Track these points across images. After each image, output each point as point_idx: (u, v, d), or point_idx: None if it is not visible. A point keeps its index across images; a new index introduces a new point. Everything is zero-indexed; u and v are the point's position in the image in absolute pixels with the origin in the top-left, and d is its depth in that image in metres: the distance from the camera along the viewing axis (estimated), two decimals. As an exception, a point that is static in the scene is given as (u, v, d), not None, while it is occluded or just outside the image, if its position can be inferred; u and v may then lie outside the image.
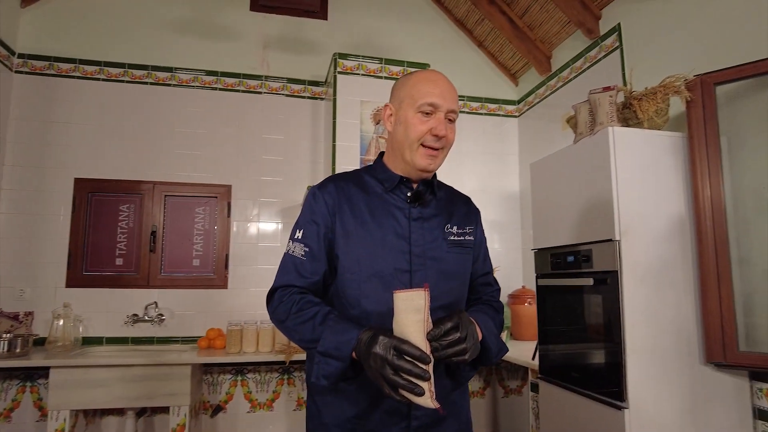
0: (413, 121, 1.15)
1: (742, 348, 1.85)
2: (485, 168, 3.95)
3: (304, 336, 1.07)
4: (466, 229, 1.26)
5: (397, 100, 1.21)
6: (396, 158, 1.22)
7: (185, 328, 3.27)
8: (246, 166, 3.50)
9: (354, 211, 1.18)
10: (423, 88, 1.16)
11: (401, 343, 0.91)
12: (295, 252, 1.17)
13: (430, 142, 1.15)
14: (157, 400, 2.70)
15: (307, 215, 1.20)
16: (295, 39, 3.71)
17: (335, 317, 1.06)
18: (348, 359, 0.99)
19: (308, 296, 1.13)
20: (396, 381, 0.89)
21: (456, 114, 1.18)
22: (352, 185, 1.22)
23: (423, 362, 0.90)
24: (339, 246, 1.16)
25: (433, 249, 1.18)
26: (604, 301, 1.94)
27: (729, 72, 1.94)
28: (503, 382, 3.76)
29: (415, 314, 0.93)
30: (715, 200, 1.93)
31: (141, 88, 3.39)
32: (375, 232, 1.15)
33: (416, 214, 1.20)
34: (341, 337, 1.00)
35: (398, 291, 0.96)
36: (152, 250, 3.28)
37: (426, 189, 1.24)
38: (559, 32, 3.39)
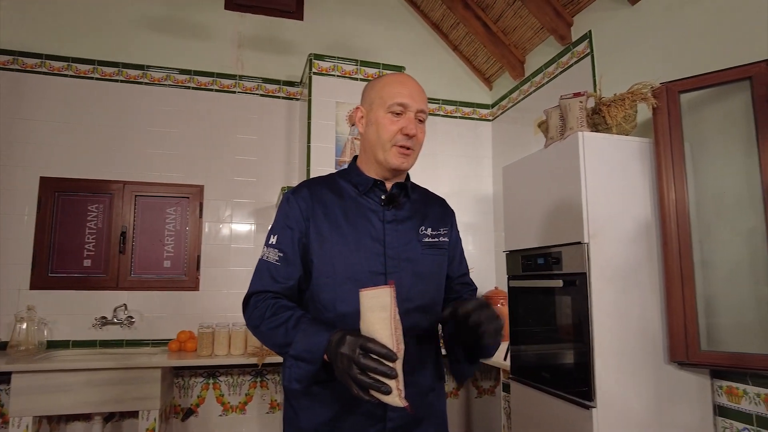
0: (384, 121, 1.17)
1: (703, 347, 1.91)
2: (460, 171, 3.99)
3: (278, 340, 1.07)
4: (440, 231, 1.28)
5: (368, 102, 1.23)
6: (369, 160, 1.24)
7: (156, 330, 3.21)
8: (219, 167, 3.45)
9: (328, 216, 1.19)
10: (392, 89, 1.19)
11: (367, 342, 0.91)
12: (269, 257, 1.17)
13: (402, 141, 1.17)
14: (125, 405, 2.64)
15: (281, 221, 1.20)
16: (270, 39, 3.68)
17: (308, 321, 1.06)
18: (319, 362, 0.99)
19: (282, 301, 1.13)
20: (363, 380, 0.89)
21: (425, 114, 1.21)
22: (327, 189, 1.23)
23: (389, 360, 0.90)
24: (313, 250, 1.17)
25: (408, 251, 1.19)
26: (573, 302, 1.98)
27: (692, 81, 2.01)
28: (476, 383, 3.80)
29: (381, 312, 0.93)
30: (680, 204, 1.99)
31: (111, 85, 3.32)
32: (349, 235, 1.16)
33: (390, 216, 1.21)
34: (313, 340, 1.00)
35: (364, 289, 0.96)
36: (122, 251, 3.21)
37: (400, 191, 1.25)
38: (533, 38, 3.45)
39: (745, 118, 1.91)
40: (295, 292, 1.19)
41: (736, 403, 1.94)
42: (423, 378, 1.20)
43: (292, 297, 1.18)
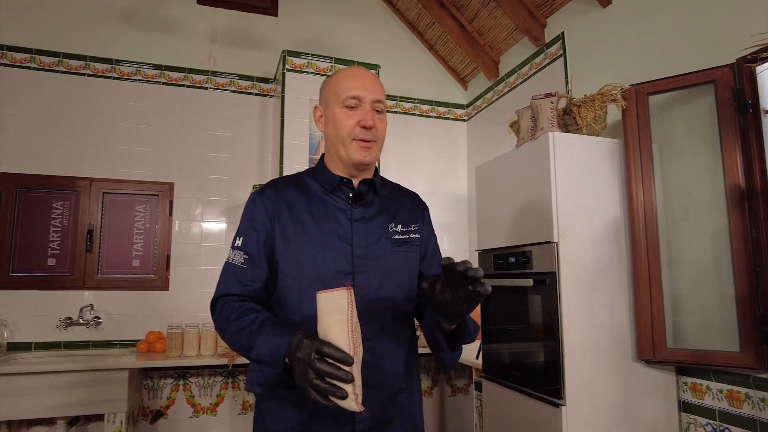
0: (340, 116, 1.16)
1: (669, 345, 1.95)
2: (435, 170, 3.99)
3: (242, 344, 1.05)
4: (411, 227, 1.25)
5: (324, 100, 1.22)
6: (333, 159, 1.22)
7: (123, 331, 3.13)
8: (190, 164, 3.38)
9: (293, 215, 1.17)
10: (345, 83, 1.17)
11: (322, 345, 0.89)
12: (235, 260, 1.16)
13: (361, 135, 1.15)
14: (90, 408, 2.57)
15: (246, 222, 1.19)
16: (243, 34, 3.63)
17: (271, 323, 1.03)
18: (281, 365, 0.97)
19: (247, 303, 1.11)
20: (318, 385, 0.87)
21: (383, 104, 1.19)
22: (293, 188, 1.21)
23: (345, 364, 0.88)
24: (279, 251, 1.15)
25: (376, 249, 1.17)
26: (543, 301, 2.00)
27: (660, 83, 2.04)
28: (450, 381, 3.81)
29: (337, 315, 0.92)
30: (648, 205, 2.02)
31: (78, 79, 3.22)
32: (315, 235, 1.14)
33: (358, 214, 1.19)
34: (274, 343, 0.98)
35: (321, 292, 0.94)
36: (88, 249, 3.12)
37: (368, 189, 1.23)
38: (507, 38, 3.47)
39: (710, 121, 1.95)
40: (262, 294, 1.17)
41: (700, 399, 1.98)
42: (393, 379, 1.17)
43: (259, 299, 1.16)
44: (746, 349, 1.77)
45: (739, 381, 1.84)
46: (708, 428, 1.95)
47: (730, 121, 1.87)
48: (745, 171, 1.84)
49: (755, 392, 1.79)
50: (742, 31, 1.88)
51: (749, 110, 1.84)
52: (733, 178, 1.85)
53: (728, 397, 1.88)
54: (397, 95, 3.95)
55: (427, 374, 3.77)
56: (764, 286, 1.76)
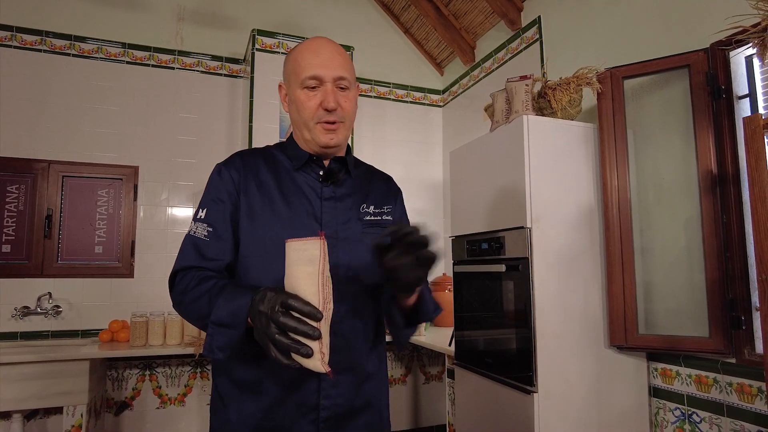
0: (301, 98, 1.08)
1: (641, 331, 1.94)
2: (410, 156, 3.94)
3: (201, 311, 0.96)
4: (383, 209, 1.19)
5: (286, 79, 1.15)
6: (300, 139, 1.15)
7: (86, 320, 3.01)
8: (155, 147, 3.25)
9: (261, 189, 1.09)
10: (303, 61, 1.09)
11: (288, 298, 0.81)
12: (197, 233, 1.07)
13: (324, 117, 1.08)
14: (47, 401, 2.45)
15: (211, 193, 1.10)
16: (212, 13, 3.49)
17: (233, 285, 0.96)
18: (243, 325, 0.89)
19: (207, 272, 1.03)
20: (281, 341, 0.79)
21: (348, 81, 1.10)
22: (261, 161, 1.14)
23: (313, 319, 0.80)
24: (243, 227, 1.08)
25: (346, 230, 1.11)
26: (516, 287, 1.97)
27: (634, 67, 2.02)
28: (424, 368, 3.79)
29: (307, 266, 0.84)
30: (622, 191, 2.00)
31: (33, 56, 3.04)
32: (283, 212, 1.08)
33: (328, 193, 1.12)
34: (236, 303, 0.90)
35: (290, 240, 0.86)
36: (47, 235, 2.97)
37: (340, 167, 1.16)
38: (483, 22, 3.42)
39: (684, 107, 1.94)
40: (226, 274, 1.08)
41: (669, 384, 1.99)
42: (360, 364, 1.11)
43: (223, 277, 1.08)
44: (715, 334, 1.77)
45: (707, 366, 1.85)
46: (677, 413, 1.96)
47: (703, 106, 1.86)
48: (717, 157, 1.83)
49: (723, 377, 1.80)
50: (716, 15, 1.86)
51: (722, 95, 1.83)
52: (705, 163, 1.84)
53: (697, 381, 1.89)
54: (371, 79, 3.87)
55: (401, 361, 3.74)
56: (734, 272, 1.77)
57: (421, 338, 3.00)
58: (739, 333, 1.74)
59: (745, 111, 1.83)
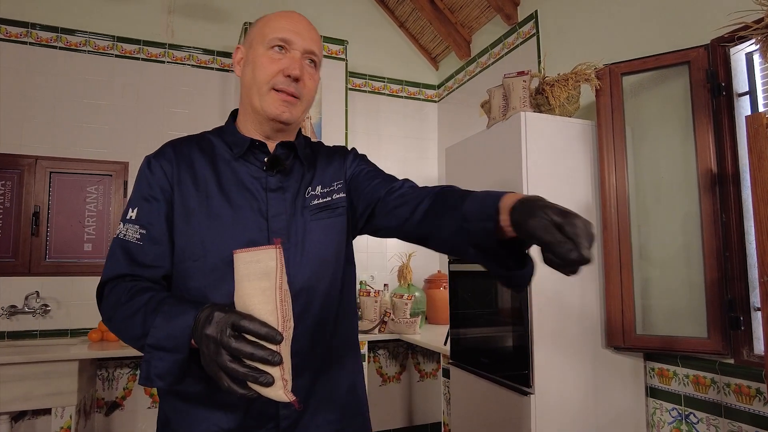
0: (262, 60, 0.96)
1: (638, 332, 1.92)
2: (405, 152, 3.90)
3: (135, 331, 0.82)
4: (332, 186, 1.04)
5: (248, 41, 1.02)
6: (247, 113, 1.02)
7: (75, 319, 2.96)
8: (146, 142, 3.19)
9: (197, 183, 0.96)
10: (275, 23, 0.98)
11: (240, 319, 0.69)
12: (127, 236, 0.93)
13: (282, 84, 0.95)
14: (35, 402, 2.41)
15: (142, 189, 0.96)
16: (203, 6, 3.42)
17: (172, 301, 0.83)
18: (186, 349, 0.77)
19: (143, 283, 0.90)
20: (235, 369, 0.68)
21: (318, 57, 1.01)
22: (196, 150, 1.00)
23: (272, 342, 0.69)
24: (178, 227, 0.95)
25: (296, 223, 0.98)
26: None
27: (634, 63, 1.99)
28: (419, 366, 3.77)
29: (261, 280, 0.72)
30: (620, 189, 1.98)
31: (18, 48, 2.97)
32: (223, 207, 0.95)
33: (274, 183, 0.98)
34: (176, 323, 0.77)
35: (239, 251, 0.73)
36: (34, 233, 2.91)
37: (288, 153, 1.02)
38: (479, 17, 3.37)
39: (683, 104, 1.91)
40: (162, 281, 0.95)
41: (667, 384, 1.97)
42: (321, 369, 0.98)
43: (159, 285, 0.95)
44: (713, 334, 1.76)
45: (705, 366, 1.83)
46: (674, 413, 1.94)
47: (703, 103, 1.83)
48: (717, 155, 1.80)
49: (720, 377, 1.78)
50: (717, 11, 1.83)
51: (722, 93, 1.81)
52: (705, 162, 1.81)
53: (694, 382, 1.87)
54: (366, 74, 3.82)
55: (395, 359, 3.71)
56: (733, 272, 1.74)
57: (416, 337, 2.97)
58: (738, 334, 1.72)
59: (745, 109, 1.80)
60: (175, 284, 0.97)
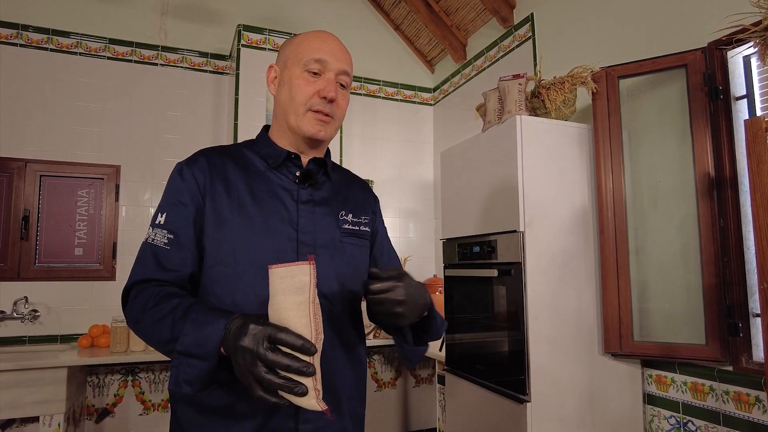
0: (299, 81, 1.00)
1: (636, 338, 1.89)
2: (401, 156, 3.87)
3: (163, 336, 0.85)
4: (362, 219, 1.11)
5: (282, 60, 1.06)
6: (282, 129, 1.06)
7: (65, 325, 2.91)
8: (138, 145, 3.15)
9: (230, 192, 0.99)
10: (310, 44, 1.02)
11: (277, 332, 0.73)
12: (156, 240, 0.96)
13: (318, 105, 1.00)
14: (22, 410, 2.36)
15: (172, 195, 0.99)
16: (197, 7, 3.39)
17: (201, 308, 0.86)
18: (215, 357, 0.79)
19: (170, 288, 0.93)
20: (271, 381, 0.71)
21: (349, 78, 1.05)
22: (229, 161, 1.03)
23: (306, 353, 0.73)
24: (208, 234, 0.97)
25: (325, 237, 1.02)
26: (509, 292, 1.91)
27: (630, 66, 1.97)
28: (414, 371, 3.73)
29: (296, 294, 0.76)
30: (617, 193, 1.95)
31: (9, 50, 2.93)
32: (256, 217, 0.98)
33: (306, 196, 1.03)
34: (205, 331, 0.80)
35: (274, 266, 0.77)
36: (24, 237, 2.87)
37: (318, 168, 1.07)
38: (475, 19, 3.35)
39: (680, 107, 1.89)
40: (188, 285, 0.98)
41: (664, 391, 1.94)
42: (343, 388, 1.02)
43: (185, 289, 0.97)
44: (712, 341, 1.73)
45: (703, 373, 1.81)
46: (671, 421, 1.91)
47: (700, 107, 1.81)
48: (715, 159, 1.78)
49: (719, 385, 1.76)
50: (714, 14, 1.81)
51: (720, 96, 1.79)
52: (702, 166, 1.79)
53: (692, 389, 1.84)
54: (361, 76, 3.79)
55: (391, 365, 3.68)
56: (731, 278, 1.72)
57: (411, 342, 2.94)
58: (737, 340, 1.70)
59: (743, 112, 1.79)
60: (202, 288, 0.99)
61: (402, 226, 3.78)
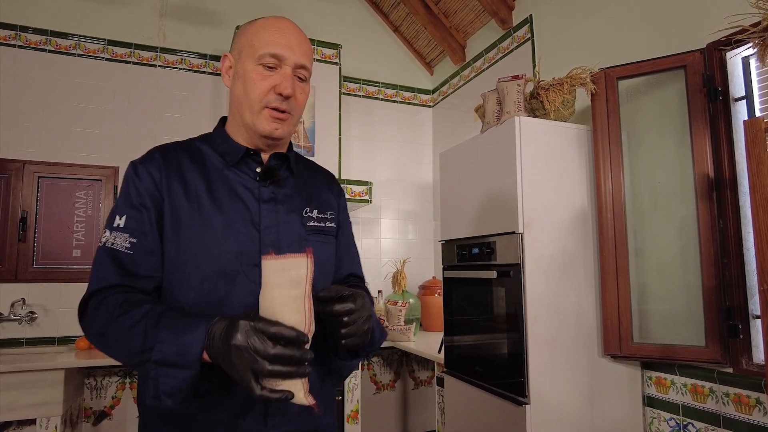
0: (253, 75, 0.94)
1: (635, 340, 1.89)
2: (400, 157, 3.87)
3: (134, 346, 0.78)
4: (327, 214, 1.06)
5: (237, 50, 0.99)
6: (237, 125, 1.00)
7: (63, 327, 2.90)
8: (136, 147, 3.11)
9: (188, 192, 0.93)
10: (265, 36, 0.95)
11: (269, 326, 0.71)
12: (116, 244, 0.89)
13: (275, 102, 0.94)
14: (20, 412, 2.35)
15: (130, 196, 0.92)
16: (196, 8, 3.39)
17: (176, 314, 0.80)
18: (197, 364, 0.74)
19: (135, 295, 0.86)
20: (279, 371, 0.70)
21: (308, 71, 0.99)
22: (186, 158, 0.97)
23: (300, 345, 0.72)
24: (166, 237, 0.91)
25: (289, 236, 0.97)
26: (508, 294, 1.90)
27: (630, 67, 1.96)
28: (413, 374, 3.72)
29: (292, 288, 0.73)
30: (616, 195, 1.95)
31: (8, 51, 2.92)
32: (215, 218, 0.92)
33: (268, 194, 0.97)
34: (184, 338, 0.75)
35: (269, 258, 0.75)
36: (22, 239, 2.86)
37: (281, 164, 1.02)
38: (474, 21, 3.35)
39: (679, 108, 1.88)
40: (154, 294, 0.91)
41: (664, 393, 1.93)
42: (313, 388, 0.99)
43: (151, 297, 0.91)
44: (711, 342, 1.72)
45: (703, 375, 1.80)
46: (671, 423, 1.90)
47: (699, 108, 1.81)
48: (714, 160, 1.78)
49: (719, 387, 1.75)
50: (713, 15, 1.81)
51: (719, 97, 1.78)
52: (702, 167, 1.79)
53: (692, 391, 1.84)
54: (360, 78, 3.79)
55: (390, 367, 3.67)
56: (731, 279, 1.71)
57: (410, 344, 2.93)
58: (737, 342, 1.69)
59: (742, 113, 1.78)
60: (162, 296, 0.93)
61: (401, 228, 3.78)
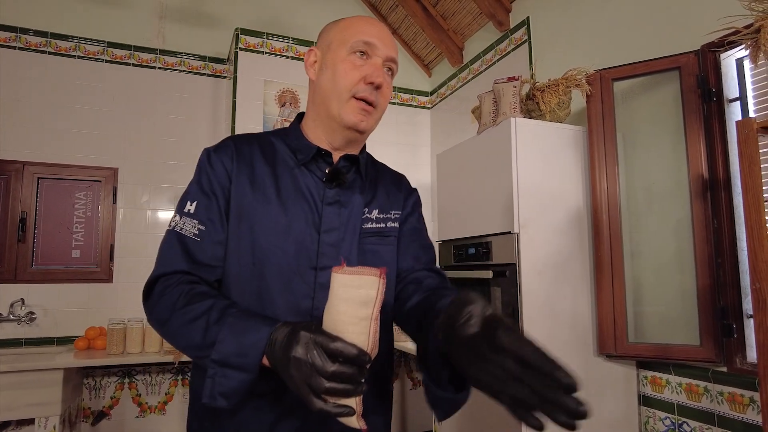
0: (344, 65, 0.91)
1: (631, 339, 1.90)
2: (398, 158, 3.88)
3: (194, 340, 0.77)
4: (390, 214, 1.01)
5: (325, 43, 0.96)
6: (318, 118, 0.96)
7: (62, 327, 2.91)
8: (136, 148, 3.16)
9: (255, 185, 0.91)
10: (359, 25, 0.94)
11: (330, 341, 0.66)
12: (184, 230, 0.87)
13: (364, 92, 0.90)
14: (19, 412, 2.36)
15: (202, 182, 0.91)
16: (195, 11, 3.41)
17: (237, 312, 0.77)
18: (256, 369, 0.72)
19: (201, 286, 0.84)
20: (334, 389, 0.65)
21: (396, 66, 0.96)
22: (257, 150, 0.95)
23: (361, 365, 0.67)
24: (228, 228, 0.90)
25: (349, 241, 0.94)
26: (504, 294, 1.92)
27: (625, 69, 1.98)
28: (411, 374, 3.73)
29: (360, 307, 0.69)
30: (611, 195, 1.96)
31: (8, 53, 2.94)
32: (279, 215, 0.90)
33: (331, 197, 0.94)
34: (246, 339, 0.72)
35: (339, 270, 0.70)
36: (21, 239, 2.87)
37: (350, 166, 0.98)
38: (471, 23, 3.37)
39: (674, 109, 1.90)
40: (216, 285, 0.90)
41: (659, 392, 1.95)
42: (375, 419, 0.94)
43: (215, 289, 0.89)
44: (706, 342, 1.73)
45: (698, 374, 1.81)
46: (667, 422, 1.91)
47: (694, 109, 1.82)
48: (708, 161, 1.79)
49: (714, 386, 1.76)
50: (707, 16, 1.83)
51: (713, 98, 1.80)
52: (696, 167, 1.80)
53: (687, 390, 1.85)
54: (358, 80, 3.80)
55: (388, 368, 3.67)
56: (725, 278, 1.73)
57: (408, 344, 2.94)
58: (731, 341, 1.70)
59: (736, 114, 1.80)
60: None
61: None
